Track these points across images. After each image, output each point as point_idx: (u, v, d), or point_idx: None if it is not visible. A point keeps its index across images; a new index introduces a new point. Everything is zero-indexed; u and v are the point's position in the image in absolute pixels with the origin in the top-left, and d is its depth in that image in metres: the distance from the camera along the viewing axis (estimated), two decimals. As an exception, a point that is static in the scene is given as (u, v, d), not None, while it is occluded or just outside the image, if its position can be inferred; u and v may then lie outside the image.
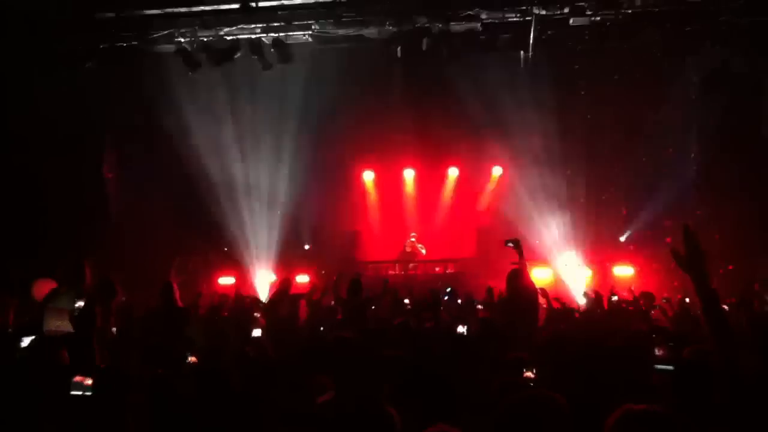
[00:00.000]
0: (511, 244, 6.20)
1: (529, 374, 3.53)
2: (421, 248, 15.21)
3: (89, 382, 3.38)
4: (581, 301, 9.80)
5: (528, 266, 6.19)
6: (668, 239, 14.08)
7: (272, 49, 12.24)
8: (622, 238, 14.82)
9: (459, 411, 3.01)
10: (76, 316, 4.44)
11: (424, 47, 11.97)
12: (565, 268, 13.83)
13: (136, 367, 3.98)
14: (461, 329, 6.77)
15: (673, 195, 13.76)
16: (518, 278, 5.78)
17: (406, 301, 9.36)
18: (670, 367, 3.19)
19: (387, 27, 12.03)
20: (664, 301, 9.00)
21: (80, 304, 4.68)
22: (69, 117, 11.99)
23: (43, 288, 5.71)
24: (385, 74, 13.89)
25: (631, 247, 14.49)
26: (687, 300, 9.22)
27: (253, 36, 12.17)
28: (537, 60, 12.57)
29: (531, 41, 11.97)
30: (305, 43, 12.42)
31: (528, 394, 2.39)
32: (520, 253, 6.09)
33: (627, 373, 3.60)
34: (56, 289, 5.35)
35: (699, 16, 11.09)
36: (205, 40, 12.19)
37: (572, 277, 13.68)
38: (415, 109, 14.20)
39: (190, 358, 4.27)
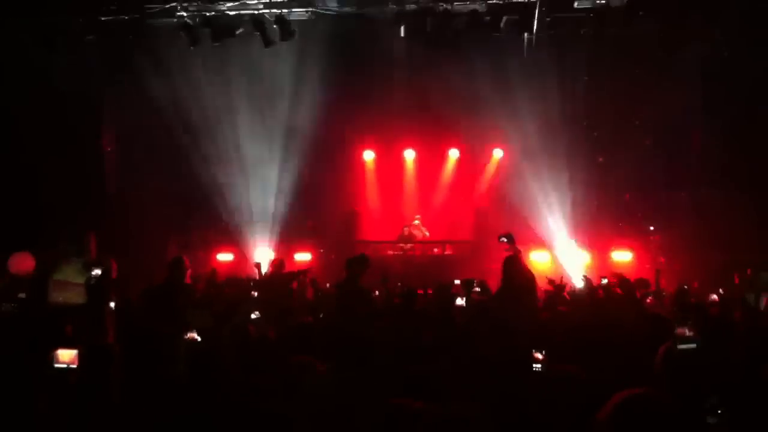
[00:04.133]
0: (504, 239, 6.23)
1: (537, 355, 3.55)
2: (425, 231, 15.25)
3: (73, 356, 3.35)
4: (579, 285, 9.82)
5: (524, 251, 6.24)
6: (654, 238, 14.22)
7: (274, 26, 12.15)
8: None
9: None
10: (91, 285, 4.41)
11: (427, 27, 11.90)
12: (563, 252, 13.86)
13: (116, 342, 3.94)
14: (460, 301, 6.79)
15: (673, 181, 13.80)
16: (513, 265, 5.80)
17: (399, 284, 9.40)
18: (693, 345, 3.18)
19: (390, 6, 11.95)
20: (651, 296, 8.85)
21: (97, 272, 4.66)
22: (65, 94, 11.89)
23: (19, 262, 5.66)
24: (387, 53, 13.80)
25: (630, 232, 14.52)
26: (685, 287, 9.27)
27: (256, 12, 12.08)
28: (540, 43, 12.50)
29: (535, 23, 11.91)
30: (307, 20, 12.33)
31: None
32: (514, 246, 6.12)
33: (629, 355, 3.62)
34: (59, 262, 5.32)
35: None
36: (208, 15, 12.10)
37: (570, 262, 13.74)
38: (417, 90, 14.13)
39: (190, 335, 4.25)
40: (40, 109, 11.53)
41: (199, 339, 4.29)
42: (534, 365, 3.65)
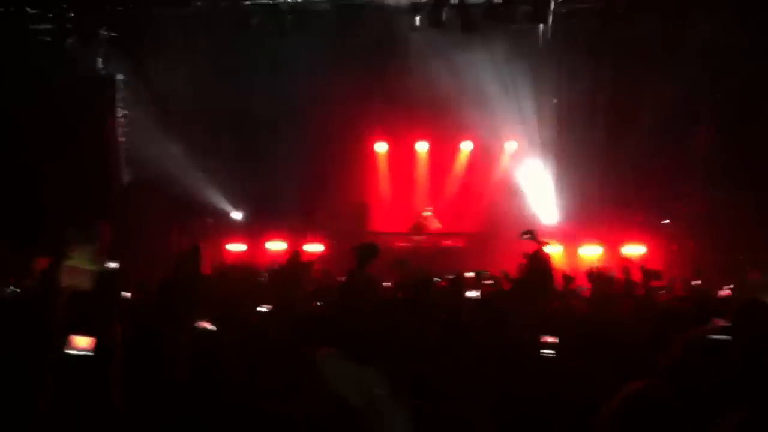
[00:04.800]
0: (527, 236, 6.20)
1: (548, 339, 3.52)
2: (437, 223, 15.23)
3: (88, 342, 3.33)
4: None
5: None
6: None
7: (289, 16, 12.14)
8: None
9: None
10: (106, 276, 4.42)
11: (443, 18, 11.86)
12: (575, 245, 13.80)
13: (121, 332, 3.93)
14: (474, 294, 6.76)
15: (682, 175, 13.71)
16: (541, 259, 5.77)
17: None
18: (727, 337, 3.12)
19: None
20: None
21: (114, 264, 4.67)
22: (70, 86, 11.92)
23: (42, 266, 5.68)
24: (401, 44, 13.76)
25: (642, 226, 14.41)
26: (694, 283, 9.18)
27: (271, 1, 12.07)
28: (555, 34, 12.42)
29: (550, 14, 11.83)
30: (322, 10, 12.31)
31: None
32: (538, 242, 6.08)
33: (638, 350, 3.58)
34: (70, 248, 5.33)
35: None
36: (222, 4, 12.11)
37: (581, 255, 13.69)
38: (430, 81, 14.06)
39: (202, 324, 4.21)
40: (45, 102, 11.57)
41: (211, 328, 4.25)
42: (543, 351, 3.62)
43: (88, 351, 3.35)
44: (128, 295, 5.32)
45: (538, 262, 5.79)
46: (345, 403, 2.35)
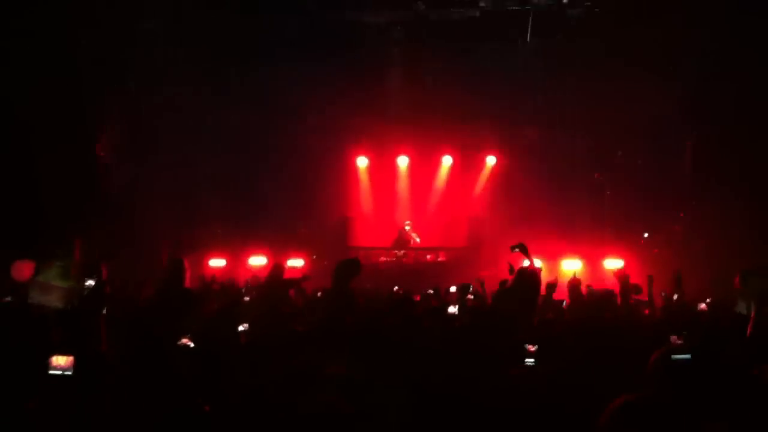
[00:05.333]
0: (517, 249, 6.20)
1: (530, 348, 3.55)
2: (416, 237, 15.25)
3: (69, 362, 3.29)
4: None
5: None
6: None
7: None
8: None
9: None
10: (86, 295, 4.37)
11: (422, 35, 11.99)
12: (557, 259, 13.87)
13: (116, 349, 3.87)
14: (452, 309, 6.71)
15: (668, 188, 13.88)
16: (532, 274, 5.75)
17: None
18: (687, 356, 3.17)
19: (386, 13, 12.03)
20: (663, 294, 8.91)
21: (90, 282, 4.61)
22: (61, 99, 11.75)
23: (22, 269, 5.58)
24: (382, 60, 13.84)
25: (622, 239, 14.55)
26: (675, 297, 9.26)
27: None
28: (534, 50, 12.56)
29: (528, 30, 12.00)
30: (303, 27, 12.35)
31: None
32: (528, 256, 6.08)
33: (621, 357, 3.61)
34: (47, 263, 5.24)
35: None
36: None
37: (562, 269, 13.76)
38: (411, 96, 14.16)
39: (183, 340, 4.19)
40: (38, 108, 11.39)
41: (191, 345, 4.23)
42: (526, 359, 3.65)
43: (67, 370, 3.30)
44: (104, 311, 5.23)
45: (528, 275, 5.77)
46: (342, 402, 2.33)
